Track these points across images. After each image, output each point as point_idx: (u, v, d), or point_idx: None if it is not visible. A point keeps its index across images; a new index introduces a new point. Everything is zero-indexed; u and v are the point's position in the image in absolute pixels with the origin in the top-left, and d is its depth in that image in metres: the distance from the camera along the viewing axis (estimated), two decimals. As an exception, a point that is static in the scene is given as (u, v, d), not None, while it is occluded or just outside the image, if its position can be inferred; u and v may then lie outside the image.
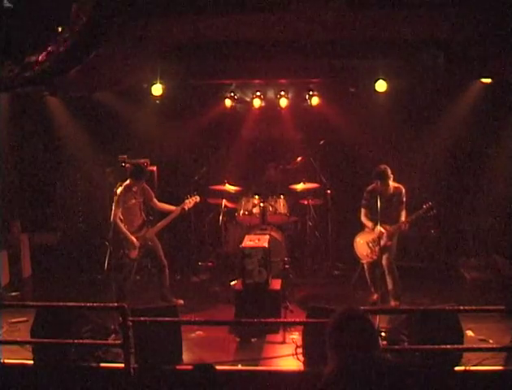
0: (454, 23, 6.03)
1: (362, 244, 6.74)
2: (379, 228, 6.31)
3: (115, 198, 6.44)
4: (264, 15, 5.79)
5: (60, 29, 4.47)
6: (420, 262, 7.87)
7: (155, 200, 6.82)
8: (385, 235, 6.38)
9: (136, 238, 6.54)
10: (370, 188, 6.61)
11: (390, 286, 6.52)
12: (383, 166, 6.49)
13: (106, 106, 8.73)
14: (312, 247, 8.31)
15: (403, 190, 6.55)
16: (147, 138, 8.81)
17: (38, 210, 8.81)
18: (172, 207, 6.81)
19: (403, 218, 6.48)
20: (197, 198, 6.98)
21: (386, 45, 6.79)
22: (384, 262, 6.48)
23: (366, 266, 6.80)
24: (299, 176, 8.25)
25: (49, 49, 4.56)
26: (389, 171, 6.46)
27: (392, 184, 6.51)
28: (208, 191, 8.33)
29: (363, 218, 6.72)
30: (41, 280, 7.97)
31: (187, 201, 6.86)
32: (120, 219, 6.44)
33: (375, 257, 6.52)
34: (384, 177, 6.43)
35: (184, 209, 6.78)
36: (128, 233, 6.45)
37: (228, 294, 6.89)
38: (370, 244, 6.60)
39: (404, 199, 6.53)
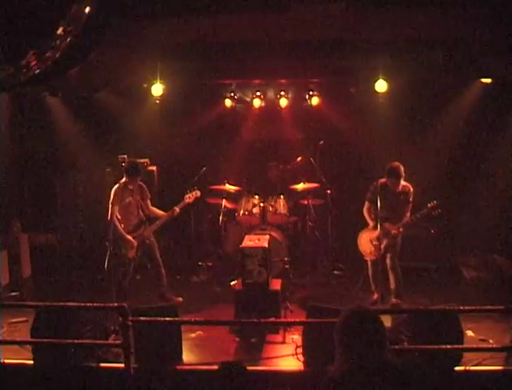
0: (454, 23, 6.03)
1: (365, 242, 6.72)
2: (382, 227, 6.25)
3: (112, 196, 6.44)
4: (264, 15, 5.80)
5: (59, 29, 4.47)
6: (420, 262, 7.85)
7: (149, 202, 6.81)
8: (387, 233, 6.37)
9: (134, 237, 6.53)
10: (378, 182, 6.41)
11: (392, 285, 6.51)
12: (396, 164, 6.37)
13: (106, 106, 8.75)
14: (312, 247, 8.30)
15: (411, 190, 6.46)
16: (147, 138, 8.80)
17: (38, 210, 8.81)
18: (163, 213, 6.81)
19: (406, 219, 6.41)
20: (198, 193, 6.95)
21: (386, 45, 6.78)
22: (387, 261, 6.47)
23: (369, 264, 6.78)
24: (299, 176, 8.24)
25: (48, 49, 4.56)
26: (402, 170, 6.34)
27: (402, 182, 6.43)
28: (208, 191, 8.33)
29: (365, 212, 6.68)
30: (41, 280, 7.96)
31: (187, 195, 6.85)
32: (117, 218, 6.44)
33: (377, 256, 6.48)
34: (396, 176, 6.33)
35: (173, 213, 6.75)
36: (125, 233, 6.44)
37: (228, 294, 6.89)
38: (374, 242, 6.57)
39: (411, 199, 6.45)
